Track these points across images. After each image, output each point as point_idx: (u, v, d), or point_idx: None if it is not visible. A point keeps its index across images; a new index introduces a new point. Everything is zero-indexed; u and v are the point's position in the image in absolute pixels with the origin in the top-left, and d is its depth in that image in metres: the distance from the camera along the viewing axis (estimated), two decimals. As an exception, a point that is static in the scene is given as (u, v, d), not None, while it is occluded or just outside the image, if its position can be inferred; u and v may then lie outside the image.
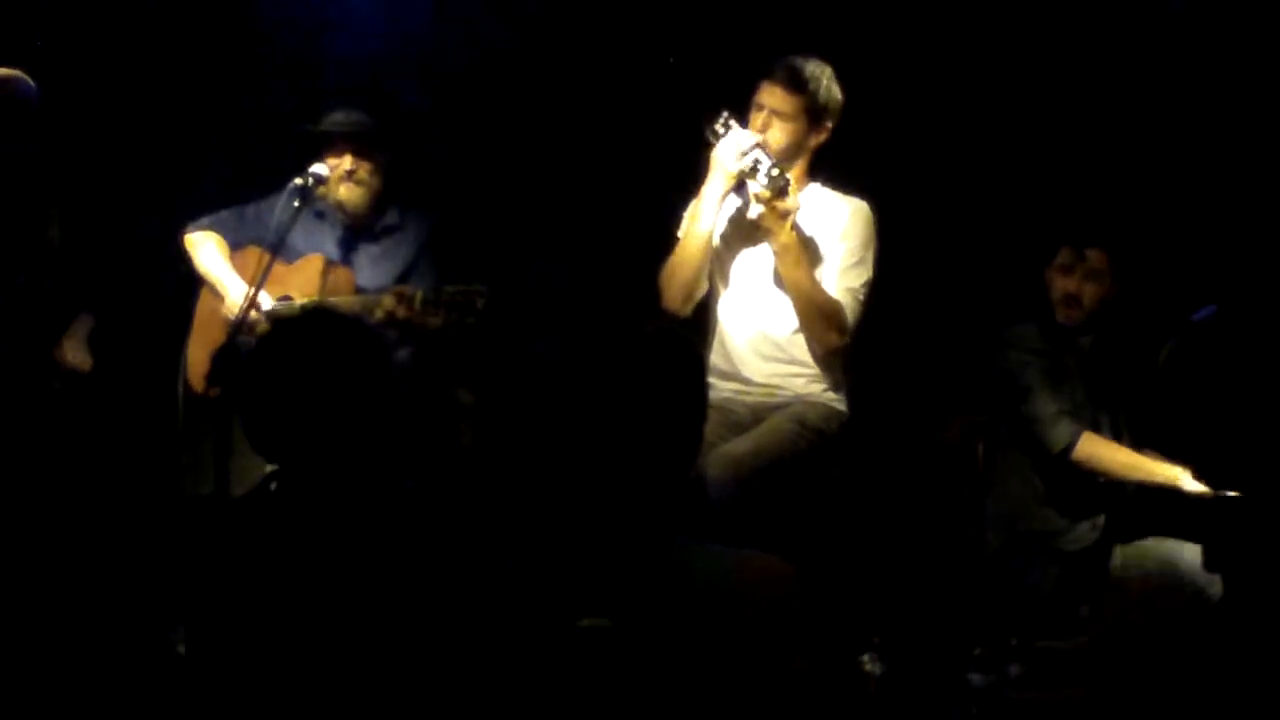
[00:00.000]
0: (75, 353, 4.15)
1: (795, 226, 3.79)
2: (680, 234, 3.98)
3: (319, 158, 4.16)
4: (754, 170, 3.74)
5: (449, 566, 2.25)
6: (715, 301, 4.01)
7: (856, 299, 3.88)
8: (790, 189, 3.72)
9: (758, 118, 3.85)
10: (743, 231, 3.95)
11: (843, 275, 3.88)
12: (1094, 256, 3.83)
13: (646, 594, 2.28)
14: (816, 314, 3.84)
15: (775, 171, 3.71)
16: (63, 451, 4.17)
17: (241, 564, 2.20)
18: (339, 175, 4.16)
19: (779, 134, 3.84)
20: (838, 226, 3.91)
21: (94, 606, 3.60)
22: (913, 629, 3.88)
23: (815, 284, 3.83)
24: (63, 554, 3.87)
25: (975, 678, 3.62)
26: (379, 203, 4.25)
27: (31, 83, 4.15)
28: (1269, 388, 3.02)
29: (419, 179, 4.46)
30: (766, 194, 3.72)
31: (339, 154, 4.16)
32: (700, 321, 4.04)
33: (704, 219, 3.86)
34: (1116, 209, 4.18)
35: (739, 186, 3.87)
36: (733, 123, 3.82)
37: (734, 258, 3.98)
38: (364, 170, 4.18)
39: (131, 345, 4.51)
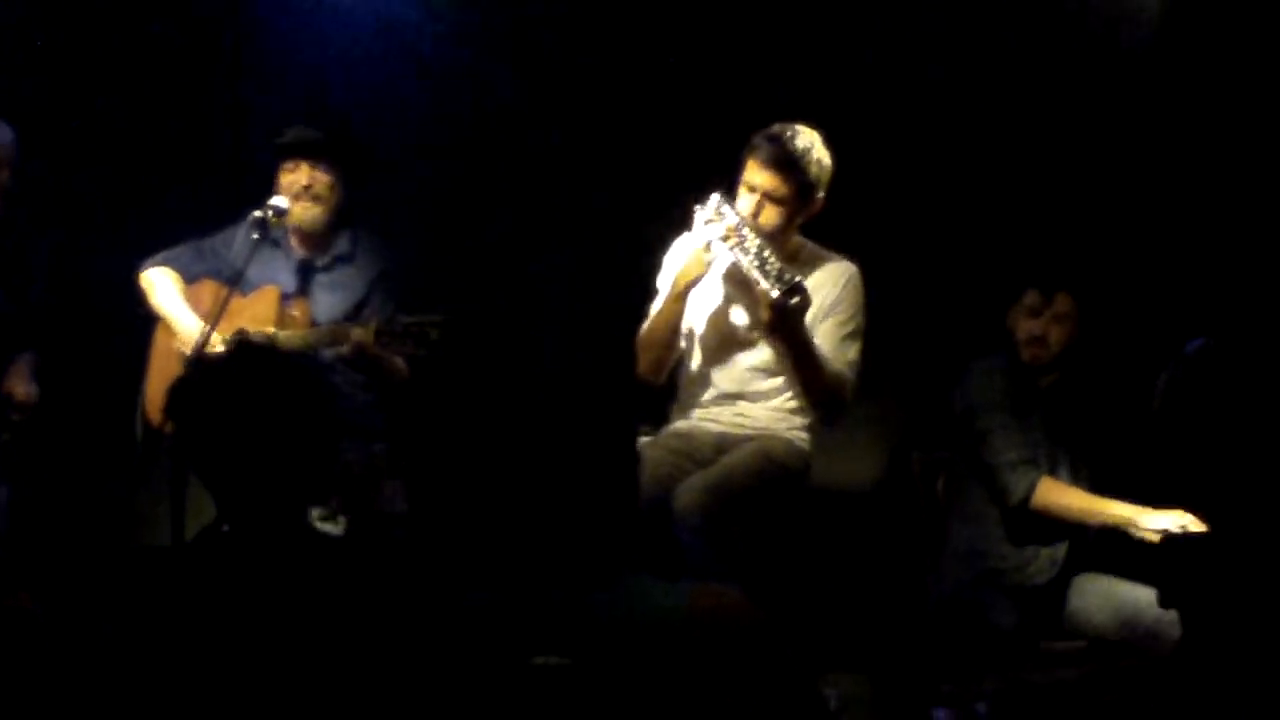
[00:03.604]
0: (21, 387, 4.11)
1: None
2: (654, 308, 3.94)
3: (274, 186, 4.14)
4: (763, 270, 3.65)
5: (404, 603, 2.23)
6: (687, 337, 4.00)
7: (854, 370, 3.88)
8: (801, 287, 3.63)
9: (748, 200, 3.77)
10: (729, 283, 3.91)
11: (839, 348, 3.86)
12: (1061, 301, 3.84)
13: (602, 631, 2.27)
14: (824, 397, 3.84)
15: (787, 275, 3.63)
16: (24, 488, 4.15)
17: (196, 608, 2.18)
18: (294, 192, 4.14)
19: (773, 216, 3.76)
20: (830, 292, 3.88)
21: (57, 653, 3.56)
22: (877, 664, 3.87)
23: (822, 370, 3.79)
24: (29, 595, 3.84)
25: (941, 714, 3.61)
26: (334, 226, 4.23)
27: (8, 126, 4.15)
28: (1260, 418, 3.04)
29: (370, 204, 4.44)
30: (781, 299, 3.63)
31: (294, 169, 4.15)
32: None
33: (677, 303, 3.85)
34: (1083, 252, 4.20)
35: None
36: (726, 209, 3.74)
37: (707, 297, 3.96)
38: (320, 185, 4.16)
39: (87, 383, 4.48)
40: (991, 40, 4.64)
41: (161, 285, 4.26)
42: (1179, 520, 3.57)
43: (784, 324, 3.68)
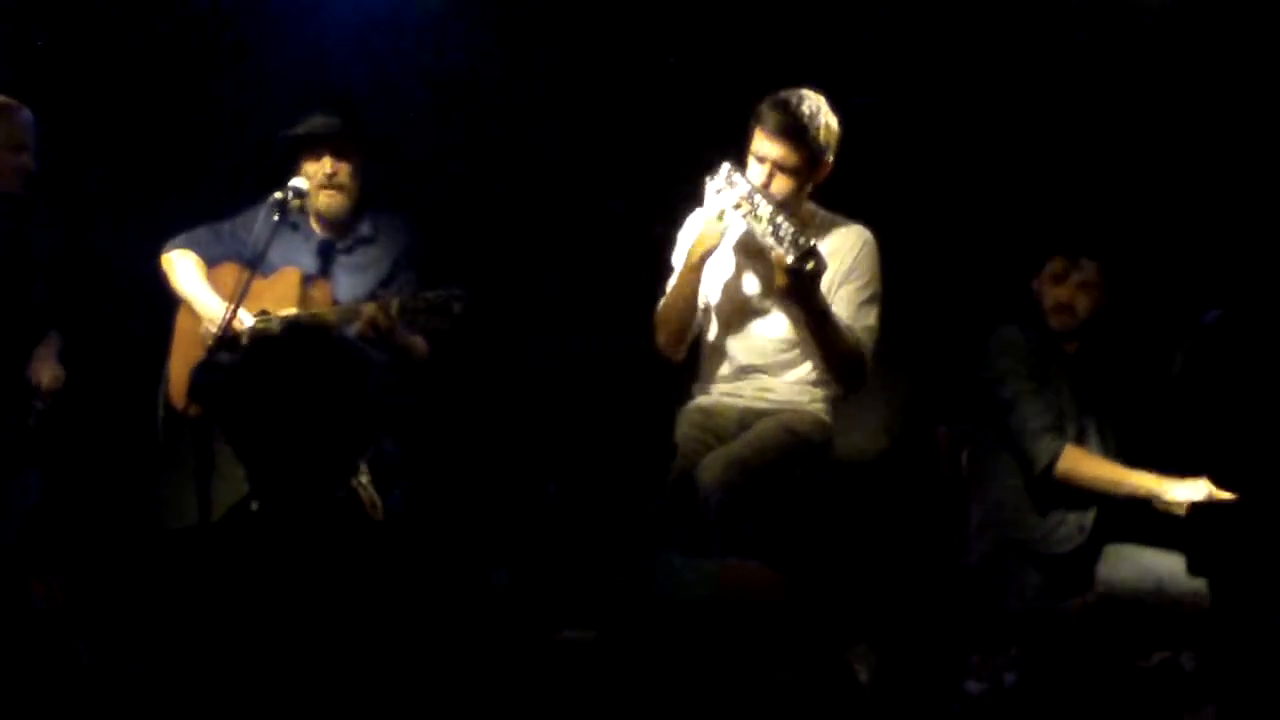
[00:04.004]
0: (48, 370, 4.13)
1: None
2: (671, 283, 3.93)
3: (296, 169, 4.15)
4: (778, 237, 3.62)
5: (433, 579, 2.24)
6: (704, 310, 3.99)
7: (873, 336, 3.85)
8: (817, 251, 3.60)
9: (759, 170, 3.73)
10: (742, 251, 3.90)
11: (857, 314, 3.83)
12: (1087, 267, 3.82)
13: (630, 605, 2.27)
14: (844, 364, 3.81)
15: (802, 239, 3.59)
16: (51, 471, 4.16)
17: (224, 591, 2.18)
18: (319, 181, 4.15)
19: (785, 185, 3.73)
20: (845, 257, 3.85)
21: (80, 636, 3.58)
22: (904, 637, 3.87)
23: (842, 336, 3.77)
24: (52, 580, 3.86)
25: (971, 685, 3.61)
26: (356, 209, 4.23)
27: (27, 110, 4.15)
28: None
29: (393, 185, 4.44)
30: (797, 264, 3.59)
31: (318, 158, 4.15)
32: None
33: (693, 274, 3.82)
34: (1108, 219, 4.17)
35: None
36: (737, 177, 3.71)
37: (722, 267, 3.94)
38: (344, 173, 4.17)
39: (111, 365, 4.50)
40: (1013, 7, 4.61)
41: (183, 267, 4.27)
42: (1203, 490, 3.55)
43: (800, 289, 3.65)
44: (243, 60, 4.85)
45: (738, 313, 3.92)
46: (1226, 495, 3.47)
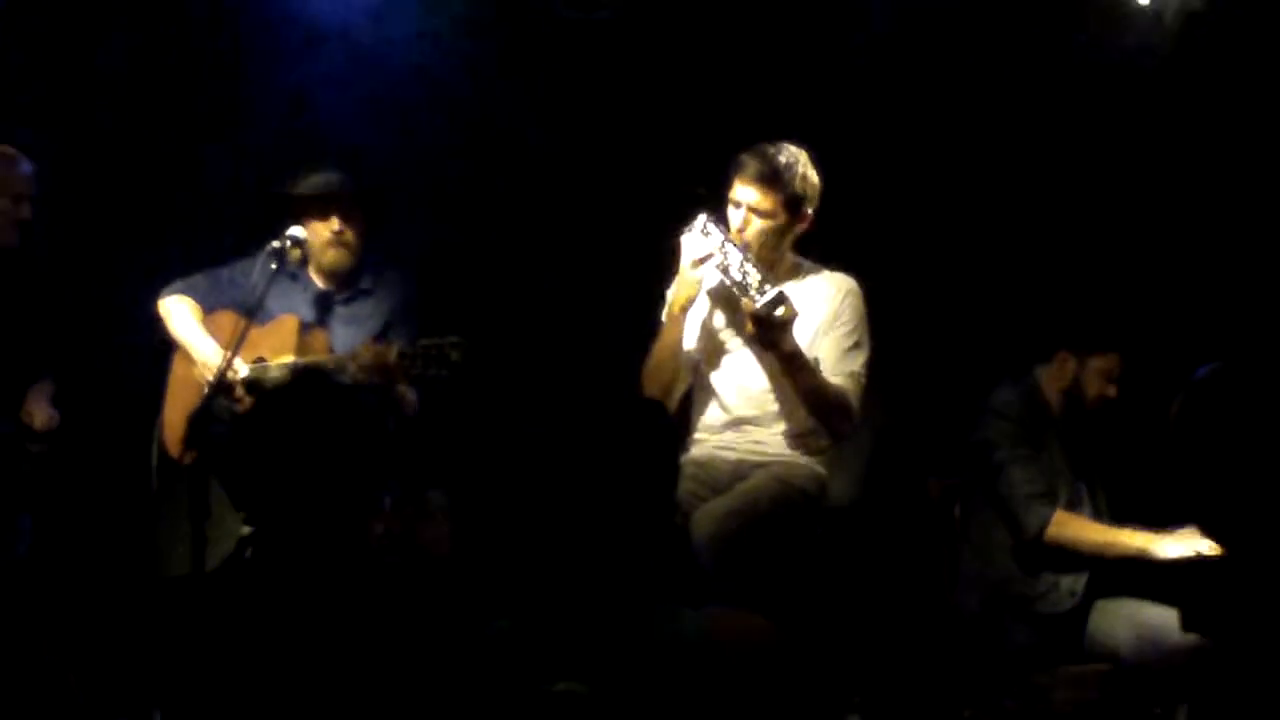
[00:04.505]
0: (41, 413, 4.12)
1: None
2: (659, 333, 3.95)
3: (299, 221, 4.16)
4: (744, 286, 3.66)
5: (428, 628, 2.24)
6: (697, 362, 4.00)
7: (859, 383, 3.85)
8: (784, 298, 3.62)
9: (736, 215, 3.79)
10: (717, 300, 3.93)
11: (842, 360, 3.84)
12: (1113, 358, 3.87)
13: (624, 656, 2.27)
14: (827, 409, 3.81)
15: (767, 285, 3.62)
16: (45, 518, 4.15)
17: (220, 638, 2.18)
18: (326, 239, 4.18)
19: (761, 230, 3.78)
20: (828, 307, 3.87)
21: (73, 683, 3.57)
22: (898, 689, 3.87)
23: (823, 383, 3.78)
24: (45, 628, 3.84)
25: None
26: (359, 264, 4.25)
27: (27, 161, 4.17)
28: (1271, 442, 3.04)
29: (391, 238, 4.46)
30: (763, 312, 3.63)
31: (323, 217, 4.17)
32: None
33: (675, 326, 3.86)
34: (1136, 308, 4.19)
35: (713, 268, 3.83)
36: (711, 227, 3.74)
37: (711, 320, 3.97)
38: (350, 233, 4.20)
39: (104, 411, 4.49)
40: (1014, 66, 4.65)
41: (179, 313, 4.27)
42: (1194, 546, 3.57)
43: (769, 334, 3.67)
44: (236, 104, 4.86)
45: (725, 364, 3.95)
46: (1215, 550, 3.48)
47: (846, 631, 3.96)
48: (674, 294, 3.86)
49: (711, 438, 3.94)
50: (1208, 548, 3.53)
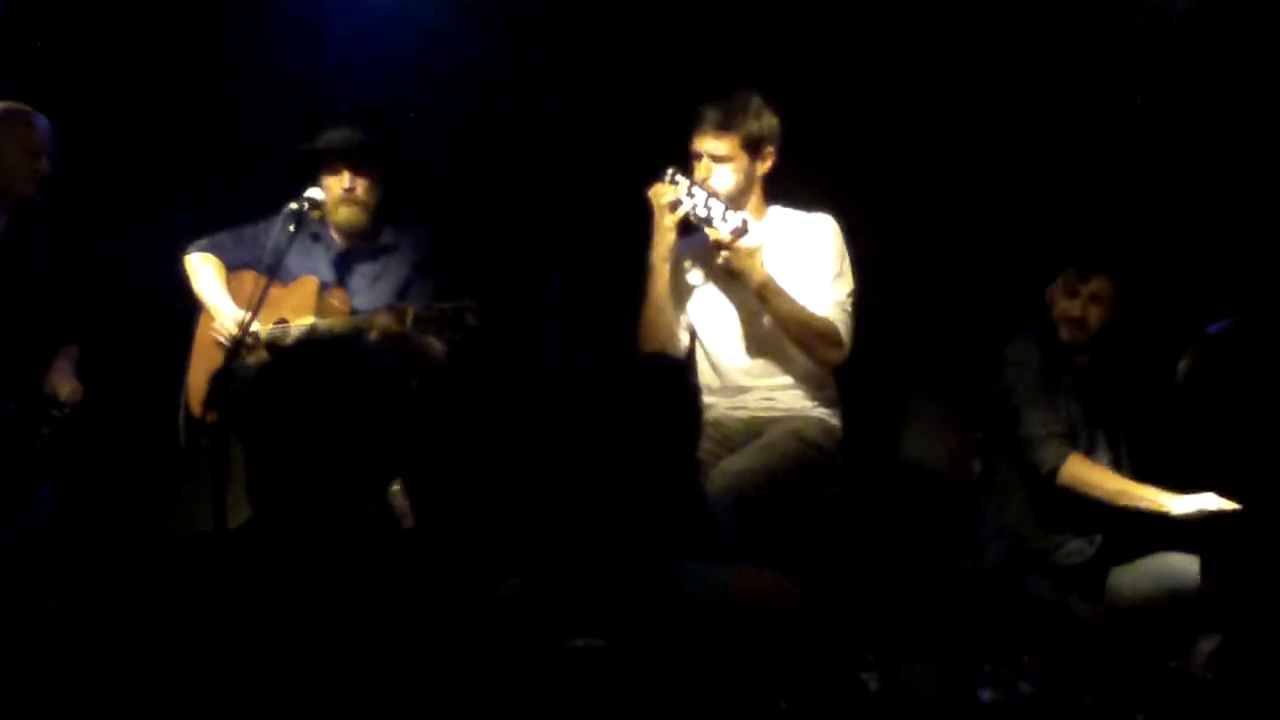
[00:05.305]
0: (66, 384, 4.14)
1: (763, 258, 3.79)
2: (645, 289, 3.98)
3: (315, 180, 4.17)
4: (709, 219, 3.76)
5: (445, 587, 2.24)
6: (690, 329, 4.02)
7: (846, 311, 3.90)
8: (749, 227, 3.73)
9: (699, 166, 3.87)
10: (713, 262, 3.94)
11: (827, 290, 3.89)
12: (1098, 282, 3.83)
13: (641, 613, 2.28)
14: (812, 337, 3.85)
15: (730, 214, 3.74)
16: (70, 481, 4.18)
17: (237, 597, 2.18)
18: (338, 195, 4.17)
19: (724, 176, 3.86)
20: (808, 245, 3.93)
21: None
22: (917, 645, 3.88)
23: (803, 309, 3.84)
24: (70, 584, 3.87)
25: (985, 694, 3.62)
26: (376, 221, 4.26)
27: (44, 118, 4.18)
28: None
29: (414, 195, 4.46)
30: (728, 239, 3.73)
31: (336, 172, 4.18)
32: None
33: (658, 277, 3.90)
34: (1121, 233, 4.17)
35: (694, 229, 3.88)
36: (679, 177, 3.83)
37: (710, 282, 4.00)
38: (362, 188, 4.19)
39: (133, 370, 4.52)
40: (1032, 20, 4.61)
41: (204, 272, 4.29)
42: (1208, 504, 3.55)
43: (737, 261, 3.75)
44: (252, 63, 4.86)
45: (726, 326, 3.98)
46: (1232, 506, 3.47)
47: (862, 589, 3.97)
48: (652, 245, 3.90)
49: (722, 401, 3.95)
50: (1225, 505, 3.51)
